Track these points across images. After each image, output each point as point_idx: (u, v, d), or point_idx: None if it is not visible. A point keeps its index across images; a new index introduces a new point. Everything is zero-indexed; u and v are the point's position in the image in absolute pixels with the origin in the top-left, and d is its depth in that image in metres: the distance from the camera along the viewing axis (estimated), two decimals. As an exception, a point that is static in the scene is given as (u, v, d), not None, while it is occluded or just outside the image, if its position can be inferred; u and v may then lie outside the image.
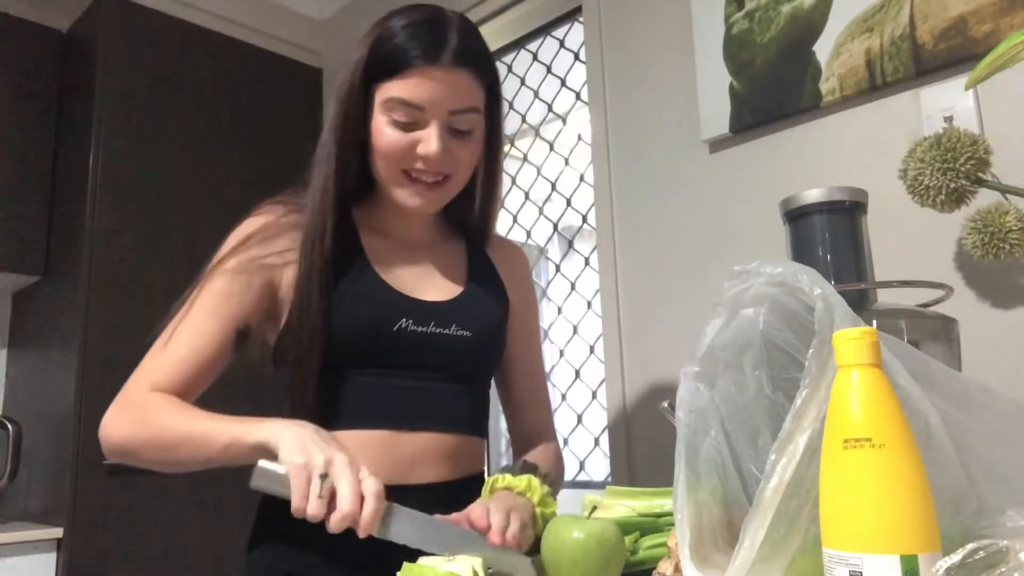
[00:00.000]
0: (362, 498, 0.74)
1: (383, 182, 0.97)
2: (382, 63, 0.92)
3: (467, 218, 1.10)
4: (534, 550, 0.80)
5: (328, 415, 0.93)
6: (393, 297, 0.97)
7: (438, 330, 0.97)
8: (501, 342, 1.07)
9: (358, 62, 0.94)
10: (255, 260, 0.95)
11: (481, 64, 0.95)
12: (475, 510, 0.80)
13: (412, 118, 0.91)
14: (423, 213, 1.01)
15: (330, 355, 0.93)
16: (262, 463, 0.77)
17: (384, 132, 0.92)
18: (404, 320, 0.96)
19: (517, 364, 1.12)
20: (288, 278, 0.96)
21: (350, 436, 0.92)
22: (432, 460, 0.96)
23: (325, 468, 0.74)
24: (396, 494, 0.91)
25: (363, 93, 0.94)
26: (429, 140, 0.91)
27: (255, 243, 0.96)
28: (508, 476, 0.88)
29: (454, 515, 0.81)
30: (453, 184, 0.98)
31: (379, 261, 1.00)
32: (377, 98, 0.93)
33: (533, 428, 1.12)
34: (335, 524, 0.73)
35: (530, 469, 0.92)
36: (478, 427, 1.04)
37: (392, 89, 0.91)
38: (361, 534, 0.74)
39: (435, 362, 0.98)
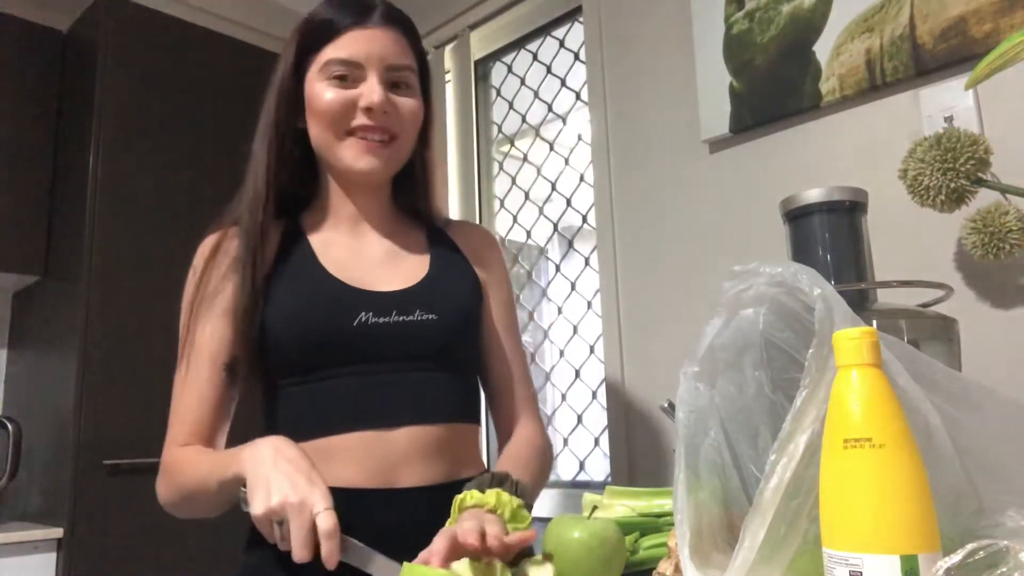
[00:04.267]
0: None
1: (329, 151, 0.96)
2: (314, 36, 0.95)
3: (416, 203, 1.08)
4: (517, 560, 0.78)
5: (305, 423, 0.92)
6: (347, 293, 0.94)
7: (401, 318, 0.94)
8: (474, 321, 1.03)
9: (288, 45, 0.98)
10: (213, 292, 0.96)
11: (409, 30, 0.99)
12: (440, 540, 0.71)
13: (351, 75, 0.93)
14: (375, 178, 0.99)
15: (297, 361, 0.93)
16: (243, 489, 0.79)
17: (324, 95, 0.93)
18: (363, 314, 0.93)
19: (493, 342, 1.07)
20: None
21: (330, 443, 0.90)
22: (420, 457, 0.92)
23: (278, 515, 0.74)
24: (385, 499, 0.89)
25: (295, 73, 0.97)
26: (370, 92, 0.92)
27: (207, 274, 0.98)
28: (476, 492, 0.81)
29: (422, 554, 0.71)
30: (400, 145, 0.97)
31: (331, 260, 0.97)
32: (313, 68, 0.95)
33: (514, 410, 1.06)
34: (297, 562, 0.74)
35: (500, 481, 0.84)
36: (467, 413, 0.99)
37: (328, 53, 0.94)
38: (329, 567, 0.74)
39: (405, 351, 0.94)
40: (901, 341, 0.60)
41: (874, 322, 0.83)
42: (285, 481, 0.75)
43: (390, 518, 0.89)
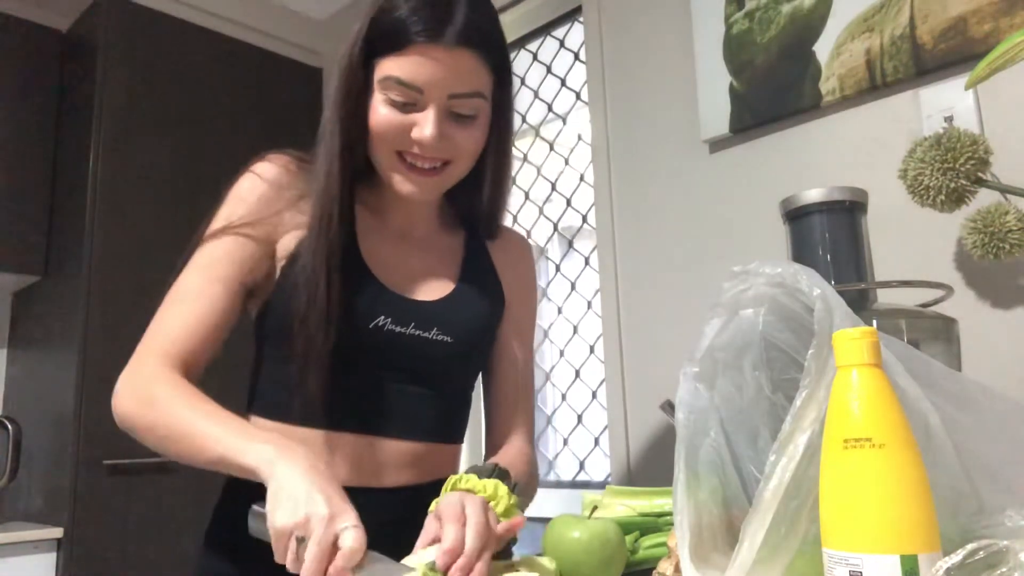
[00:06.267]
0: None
1: (377, 165, 0.92)
2: (381, 37, 0.87)
3: (473, 209, 1.03)
4: (505, 554, 0.76)
5: (291, 405, 0.90)
6: (376, 291, 0.92)
7: (417, 332, 0.92)
8: (485, 348, 1.02)
9: (358, 34, 0.89)
10: (257, 222, 0.91)
11: (489, 45, 0.89)
12: (429, 530, 0.72)
13: (409, 99, 0.86)
14: (418, 200, 0.95)
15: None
16: (255, 508, 0.73)
17: (379, 111, 0.87)
18: (382, 318, 0.90)
19: (504, 363, 1.05)
20: (285, 248, 0.92)
21: (311, 435, 0.89)
22: (397, 466, 0.92)
23: (303, 529, 0.67)
24: (362, 496, 0.88)
25: (362, 68, 0.89)
26: (425, 124, 0.86)
27: (257, 204, 0.92)
28: (473, 477, 0.79)
29: (418, 547, 0.71)
30: (453, 171, 0.92)
31: (370, 249, 0.94)
32: (376, 75, 0.88)
33: (508, 430, 1.03)
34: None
35: (501, 475, 0.81)
36: (450, 435, 0.99)
37: (389, 67, 0.86)
38: None
39: (409, 366, 0.93)
40: (901, 341, 0.60)
41: (874, 322, 0.83)
42: (319, 495, 0.68)
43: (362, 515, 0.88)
